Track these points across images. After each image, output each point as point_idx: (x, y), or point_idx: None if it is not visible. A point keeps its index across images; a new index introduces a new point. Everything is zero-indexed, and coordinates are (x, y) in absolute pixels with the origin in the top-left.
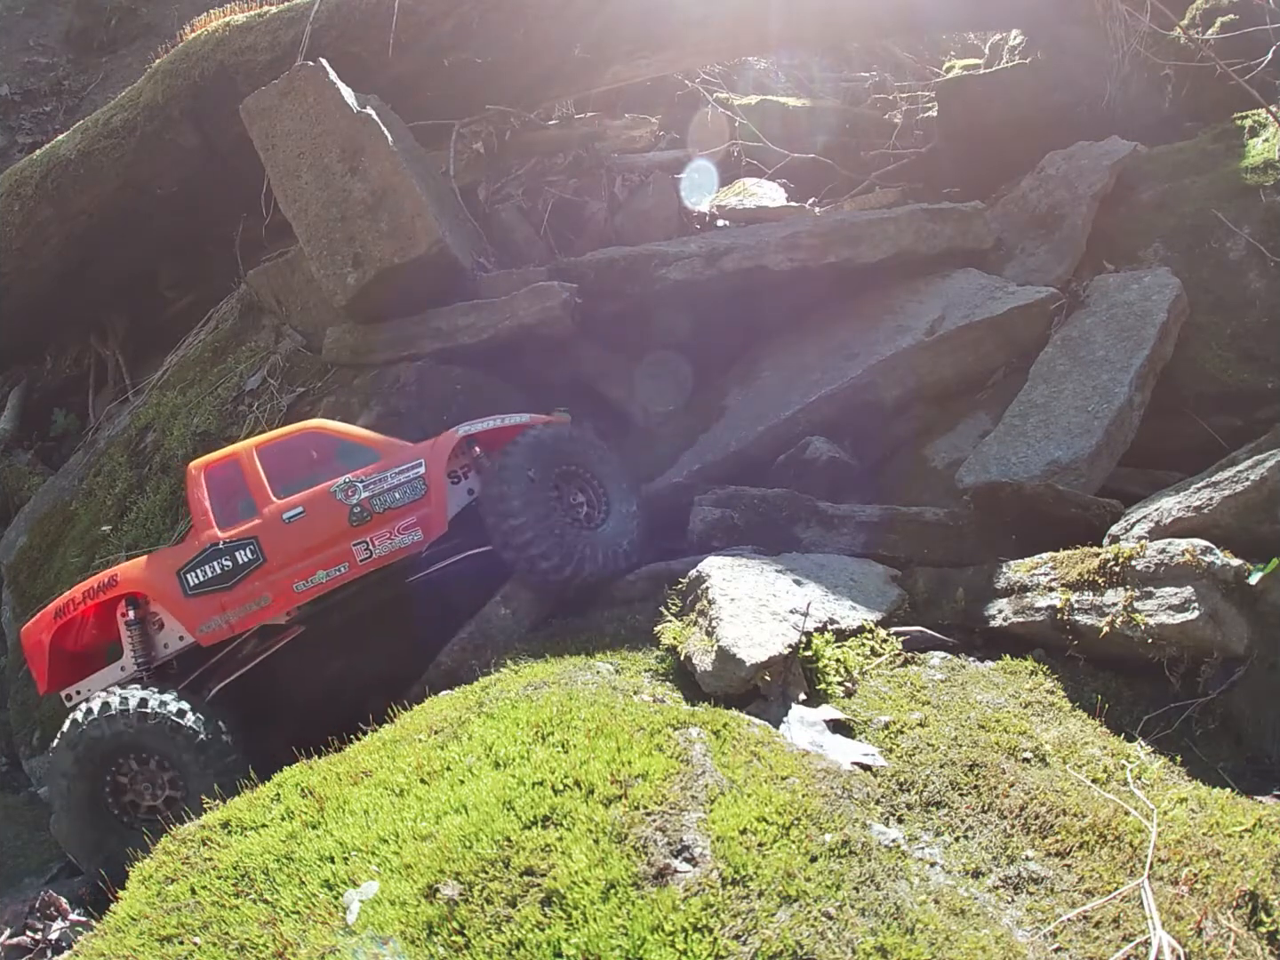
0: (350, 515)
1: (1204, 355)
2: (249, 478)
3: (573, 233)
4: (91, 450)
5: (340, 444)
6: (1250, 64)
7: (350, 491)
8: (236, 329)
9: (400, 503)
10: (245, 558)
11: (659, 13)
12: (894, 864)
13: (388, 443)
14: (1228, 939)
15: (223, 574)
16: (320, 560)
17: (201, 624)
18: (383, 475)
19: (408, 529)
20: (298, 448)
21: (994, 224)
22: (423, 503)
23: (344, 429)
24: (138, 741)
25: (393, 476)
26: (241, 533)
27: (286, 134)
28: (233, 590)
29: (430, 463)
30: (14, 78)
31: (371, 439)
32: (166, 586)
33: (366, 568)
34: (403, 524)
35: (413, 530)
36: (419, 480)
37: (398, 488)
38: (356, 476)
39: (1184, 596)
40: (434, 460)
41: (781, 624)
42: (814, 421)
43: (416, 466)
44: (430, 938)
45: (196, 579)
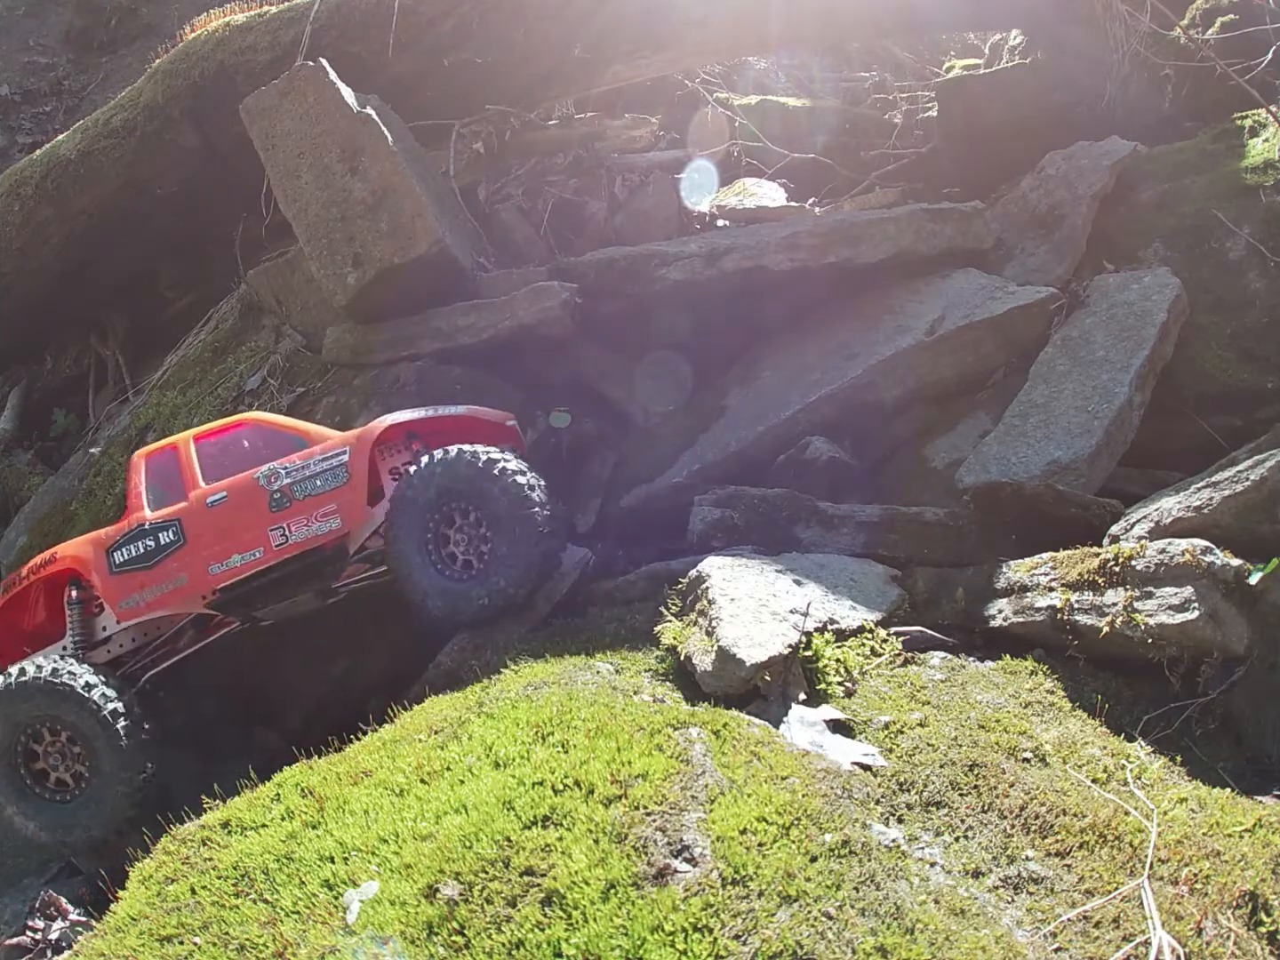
0: (270, 500)
1: (1204, 355)
2: (183, 465)
3: (573, 233)
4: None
5: (275, 434)
6: (1250, 64)
7: (273, 478)
8: (236, 329)
9: (321, 490)
10: (167, 539)
11: (659, 13)
12: (894, 864)
13: (318, 432)
14: (1228, 939)
15: (145, 553)
16: (237, 544)
17: (122, 600)
18: (306, 463)
19: (326, 516)
20: (235, 439)
21: (994, 224)
22: (344, 490)
23: (278, 420)
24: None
25: (316, 464)
26: (166, 515)
27: (286, 134)
28: (152, 570)
29: (354, 451)
30: (14, 78)
31: (303, 428)
32: (97, 563)
33: (282, 553)
34: (322, 511)
35: (331, 518)
36: (341, 468)
37: (320, 474)
38: (281, 464)
39: (1184, 596)
40: (358, 448)
41: (781, 624)
42: (814, 421)
43: (341, 454)
44: (430, 938)
45: (122, 557)
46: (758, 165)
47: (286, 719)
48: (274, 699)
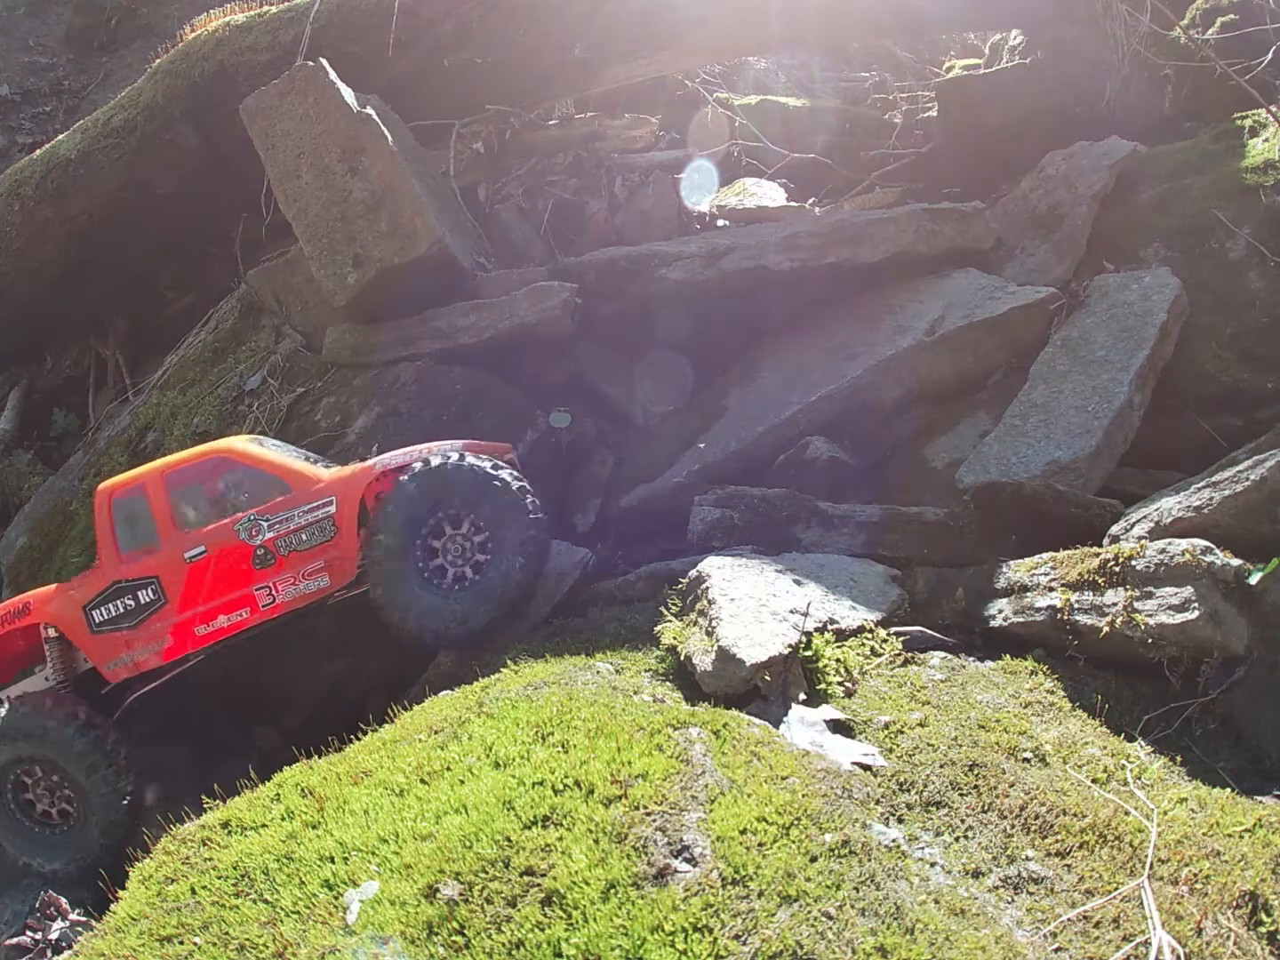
0: (254, 557)
1: (1204, 355)
2: (154, 506)
3: (573, 233)
4: (91, 450)
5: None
6: (1250, 64)
7: (254, 530)
8: (236, 329)
9: (307, 545)
10: (147, 598)
11: (659, 13)
12: (894, 864)
13: (299, 474)
14: (1228, 939)
15: (126, 613)
16: (221, 603)
17: (109, 661)
18: (290, 513)
19: (314, 574)
20: (209, 473)
21: (994, 224)
22: (331, 545)
23: (254, 455)
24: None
25: (300, 515)
26: (143, 571)
27: (286, 134)
28: (136, 630)
29: (341, 500)
30: (14, 78)
31: (283, 468)
32: (75, 621)
33: (269, 613)
34: (309, 569)
35: (319, 575)
36: (328, 521)
37: (305, 528)
38: (262, 513)
39: (1184, 596)
40: (346, 498)
41: (781, 624)
42: (814, 421)
43: (327, 505)
44: (430, 938)
45: (101, 616)
46: (758, 165)
47: (286, 719)
48: (274, 699)
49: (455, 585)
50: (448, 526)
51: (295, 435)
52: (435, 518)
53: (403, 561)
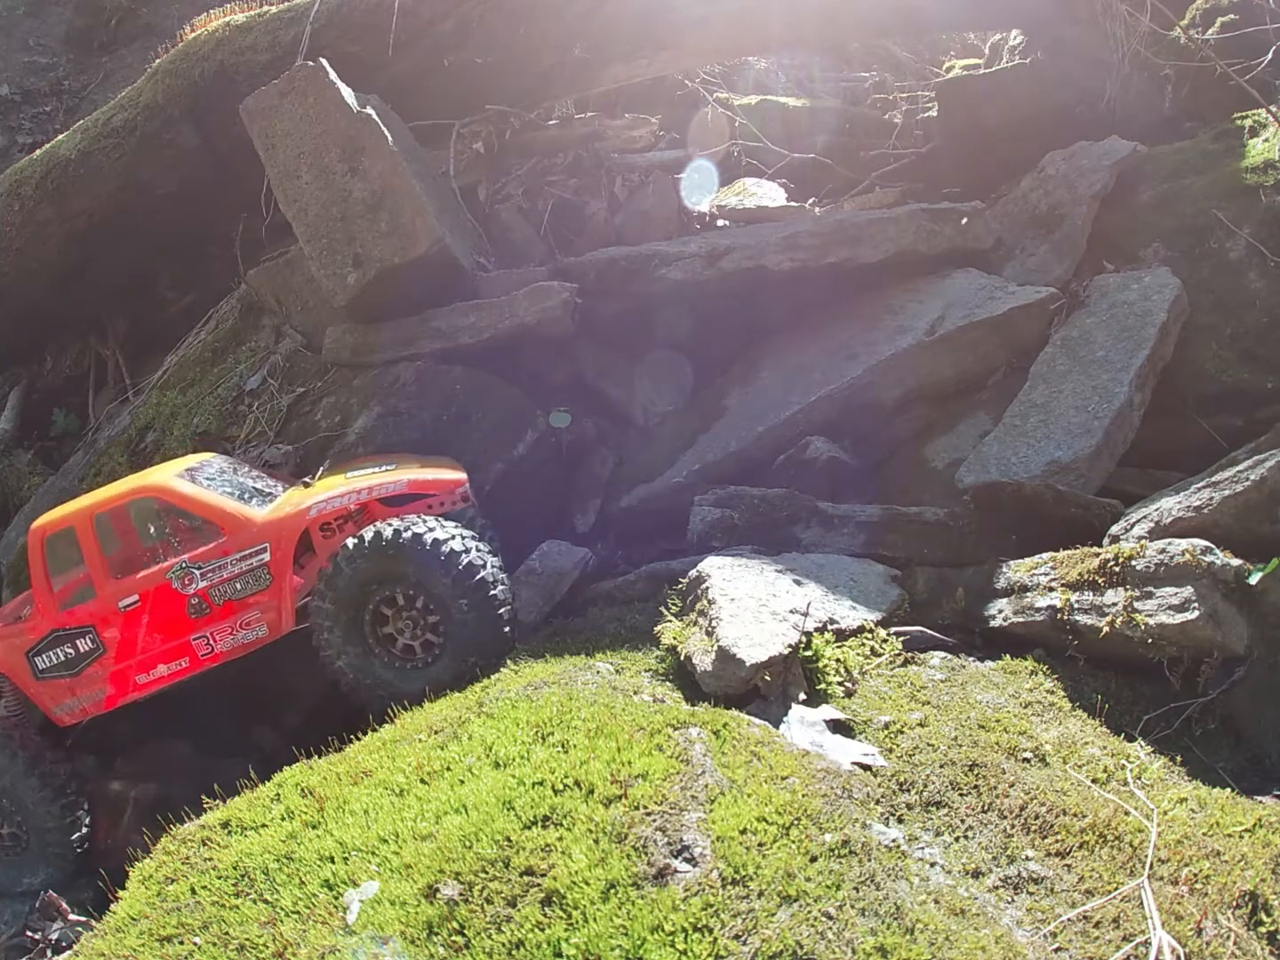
0: (189, 606)
1: (1204, 355)
2: (85, 549)
3: (573, 233)
4: (91, 450)
5: (181, 514)
6: (1250, 64)
7: (187, 579)
8: (236, 329)
9: (242, 594)
10: (86, 646)
11: (659, 13)
12: (894, 864)
13: (232, 516)
14: (1228, 939)
15: (67, 661)
16: (160, 654)
17: (55, 706)
18: (223, 561)
19: (251, 624)
20: (138, 513)
21: (994, 224)
22: (267, 594)
23: (185, 495)
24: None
25: (234, 563)
26: (80, 619)
27: (286, 134)
28: (79, 677)
29: (275, 547)
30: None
31: (214, 510)
32: (20, 668)
33: (211, 661)
34: (246, 618)
35: (257, 625)
36: (263, 569)
37: (239, 576)
38: (194, 560)
39: (1184, 596)
40: (279, 545)
41: (781, 624)
42: (814, 422)
43: (260, 552)
44: (430, 938)
45: (44, 664)
46: (758, 165)
47: (286, 718)
48: (274, 699)
49: (404, 660)
50: (400, 597)
51: (295, 435)
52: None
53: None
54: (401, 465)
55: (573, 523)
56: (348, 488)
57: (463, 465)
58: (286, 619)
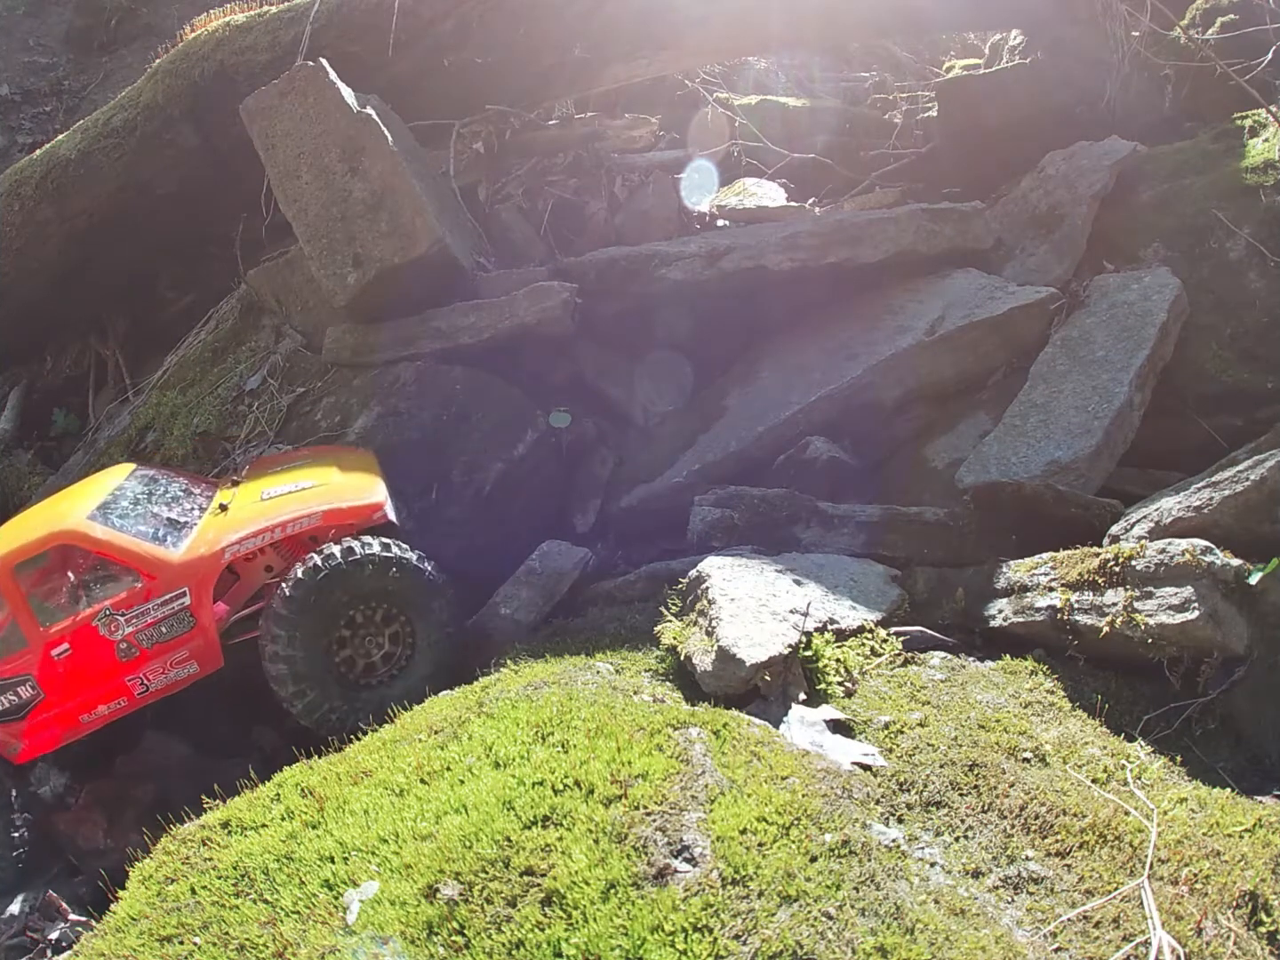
0: (118, 650)
1: (1204, 355)
2: (12, 602)
3: (573, 233)
4: (91, 450)
5: (96, 558)
6: (1250, 64)
7: (113, 626)
8: (236, 329)
9: (169, 636)
10: (28, 693)
11: (659, 13)
12: (894, 864)
13: (149, 559)
14: (1228, 939)
15: (11, 708)
16: (99, 695)
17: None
18: (145, 607)
19: (181, 663)
20: (56, 562)
21: (994, 224)
22: (192, 636)
23: (99, 540)
24: None
25: (155, 608)
26: (18, 668)
27: (286, 134)
28: (25, 721)
29: (194, 590)
30: (14, 78)
31: (130, 555)
32: None
33: (150, 698)
34: (175, 658)
35: (188, 664)
36: (185, 613)
37: (163, 620)
38: (117, 608)
39: (1184, 596)
40: (197, 589)
41: (781, 624)
42: (814, 422)
43: (180, 596)
44: (430, 938)
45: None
46: (758, 165)
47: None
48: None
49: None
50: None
51: (295, 435)
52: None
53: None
54: (320, 477)
55: (573, 523)
56: (262, 523)
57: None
58: (214, 657)
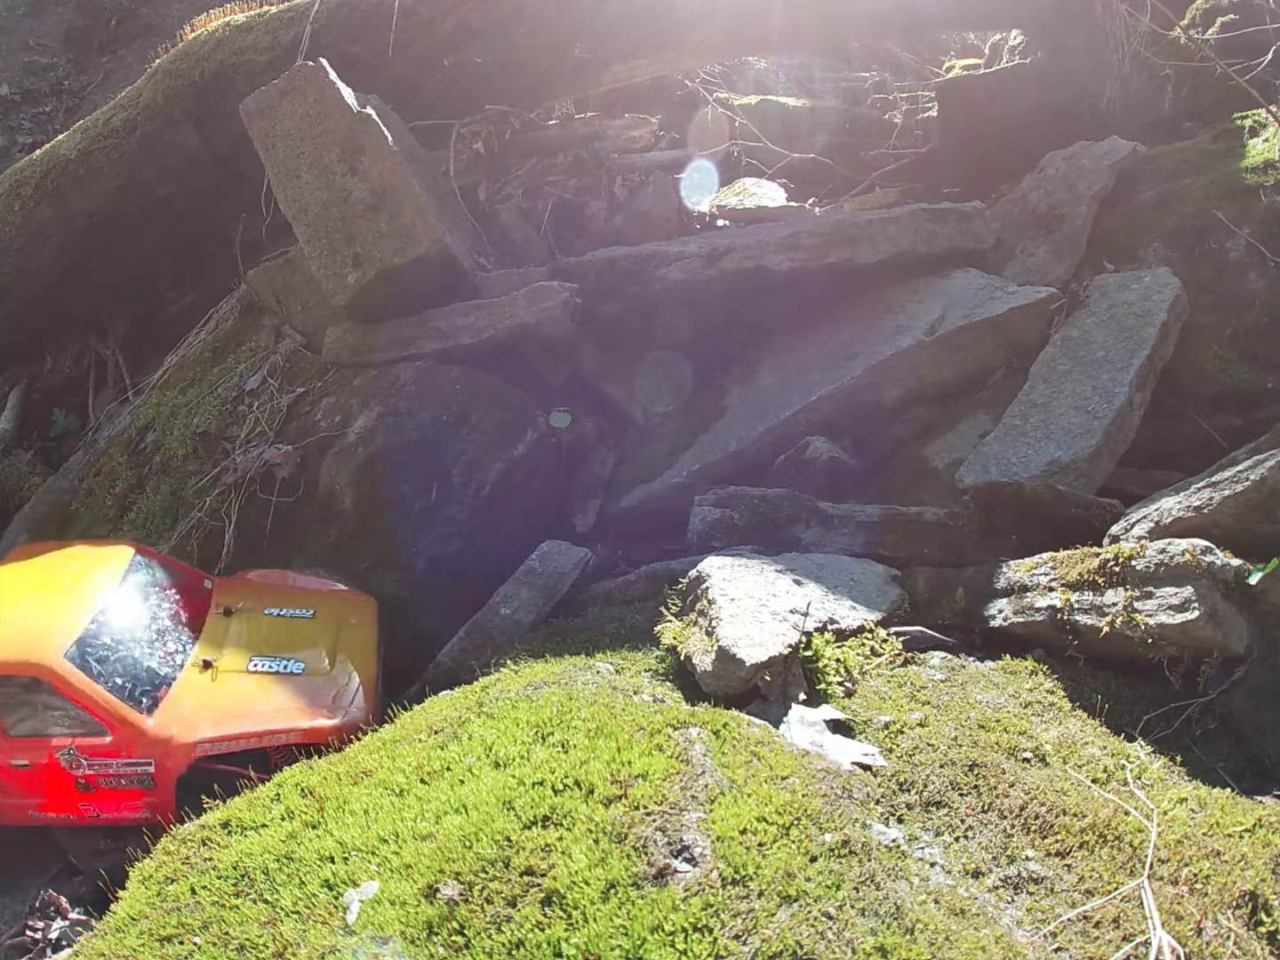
0: (76, 783)
1: (1204, 355)
2: None
3: (573, 233)
4: (92, 450)
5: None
6: (1250, 64)
7: (74, 763)
8: (236, 329)
9: (128, 786)
10: None
11: (659, 12)
12: (894, 864)
13: (118, 718)
14: (1228, 939)
15: None
16: (50, 805)
17: None
18: (108, 761)
19: (136, 809)
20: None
21: (994, 224)
22: (153, 794)
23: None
24: None
25: (120, 766)
26: None
27: (286, 134)
28: None
29: (160, 766)
30: (14, 78)
31: (100, 708)
32: None
33: (94, 821)
34: (130, 803)
35: (142, 810)
36: (148, 776)
37: (125, 775)
38: (82, 752)
39: (1184, 596)
40: (163, 767)
41: (781, 624)
42: (814, 421)
43: (146, 765)
44: (430, 938)
45: None
46: (758, 165)
47: None
48: None
49: None
50: None
51: (295, 435)
52: None
53: None
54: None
55: (573, 523)
56: (243, 726)
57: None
58: (169, 812)
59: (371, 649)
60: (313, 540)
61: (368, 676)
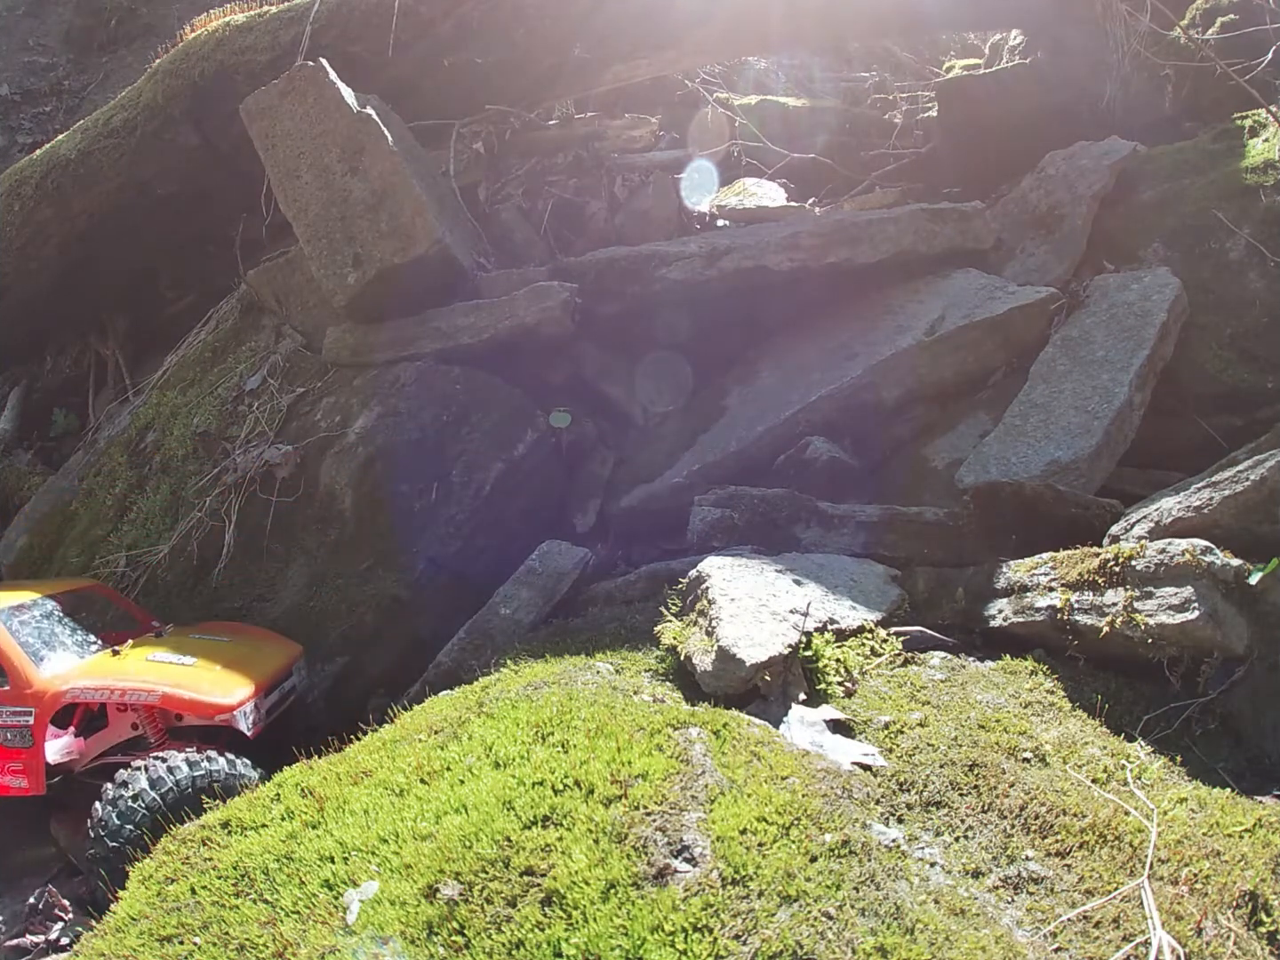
0: None
1: (1204, 355)
2: None
3: (573, 233)
4: (92, 450)
5: None
6: (1250, 64)
7: None
8: (236, 329)
9: (11, 745)
10: None
11: (659, 12)
12: (894, 864)
13: (18, 672)
14: (1228, 939)
15: None
16: None
17: None
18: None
19: (15, 773)
20: None
21: (994, 224)
22: (28, 754)
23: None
24: None
25: (7, 714)
26: None
27: (286, 134)
28: None
29: (38, 716)
30: (14, 78)
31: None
32: None
33: None
34: (12, 765)
35: (20, 776)
36: (27, 730)
37: (9, 728)
38: None
39: (1184, 596)
40: (40, 716)
41: (781, 624)
42: (814, 422)
43: (26, 715)
44: (430, 938)
45: None
46: (758, 165)
47: None
48: None
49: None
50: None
51: (295, 435)
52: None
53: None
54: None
55: (573, 523)
56: (109, 681)
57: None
58: (39, 783)
59: (270, 668)
60: (312, 540)
61: (255, 680)
